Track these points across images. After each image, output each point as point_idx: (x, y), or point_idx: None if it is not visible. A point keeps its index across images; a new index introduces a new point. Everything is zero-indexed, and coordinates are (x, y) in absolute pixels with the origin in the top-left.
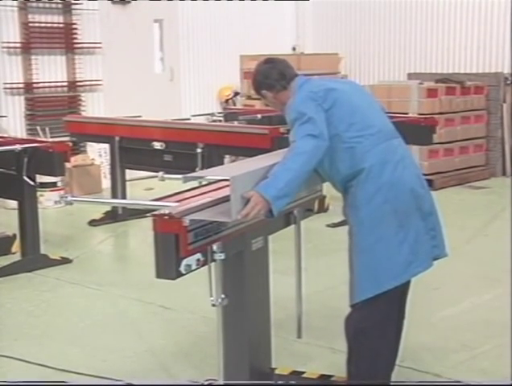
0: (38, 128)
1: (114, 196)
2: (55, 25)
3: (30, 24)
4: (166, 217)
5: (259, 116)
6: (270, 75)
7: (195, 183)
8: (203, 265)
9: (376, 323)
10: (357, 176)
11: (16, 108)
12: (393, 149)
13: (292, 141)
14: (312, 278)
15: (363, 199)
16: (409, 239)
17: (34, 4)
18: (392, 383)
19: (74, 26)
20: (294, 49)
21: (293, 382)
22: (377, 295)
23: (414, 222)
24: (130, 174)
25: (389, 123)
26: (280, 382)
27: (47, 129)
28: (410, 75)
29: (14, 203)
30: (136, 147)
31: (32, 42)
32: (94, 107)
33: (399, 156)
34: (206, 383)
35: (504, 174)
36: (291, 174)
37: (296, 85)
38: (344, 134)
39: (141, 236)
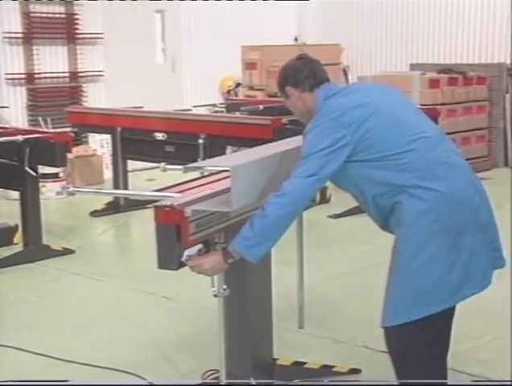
0: (39, 118)
1: (116, 187)
2: (57, 15)
3: (32, 14)
4: (167, 208)
5: (261, 106)
6: (302, 70)
7: (196, 174)
8: None
9: (421, 345)
10: (405, 191)
11: (18, 98)
12: (444, 157)
13: (298, 160)
14: (314, 269)
15: (412, 215)
16: (462, 258)
17: None
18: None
19: (76, 16)
20: (296, 39)
21: (296, 381)
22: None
23: (469, 238)
24: (131, 164)
25: (435, 127)
26: (282, 382)
27: (48, 119)
28: (413, 66)
29: (16, 194)
30: (138, 138)
31: (34, 32)
32: (96, 97)
33: (451, 164)
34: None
35: (506, 164)
36: (266, 221)
37: (322, 96)
38: (391, 151)
39: (142, 226)
